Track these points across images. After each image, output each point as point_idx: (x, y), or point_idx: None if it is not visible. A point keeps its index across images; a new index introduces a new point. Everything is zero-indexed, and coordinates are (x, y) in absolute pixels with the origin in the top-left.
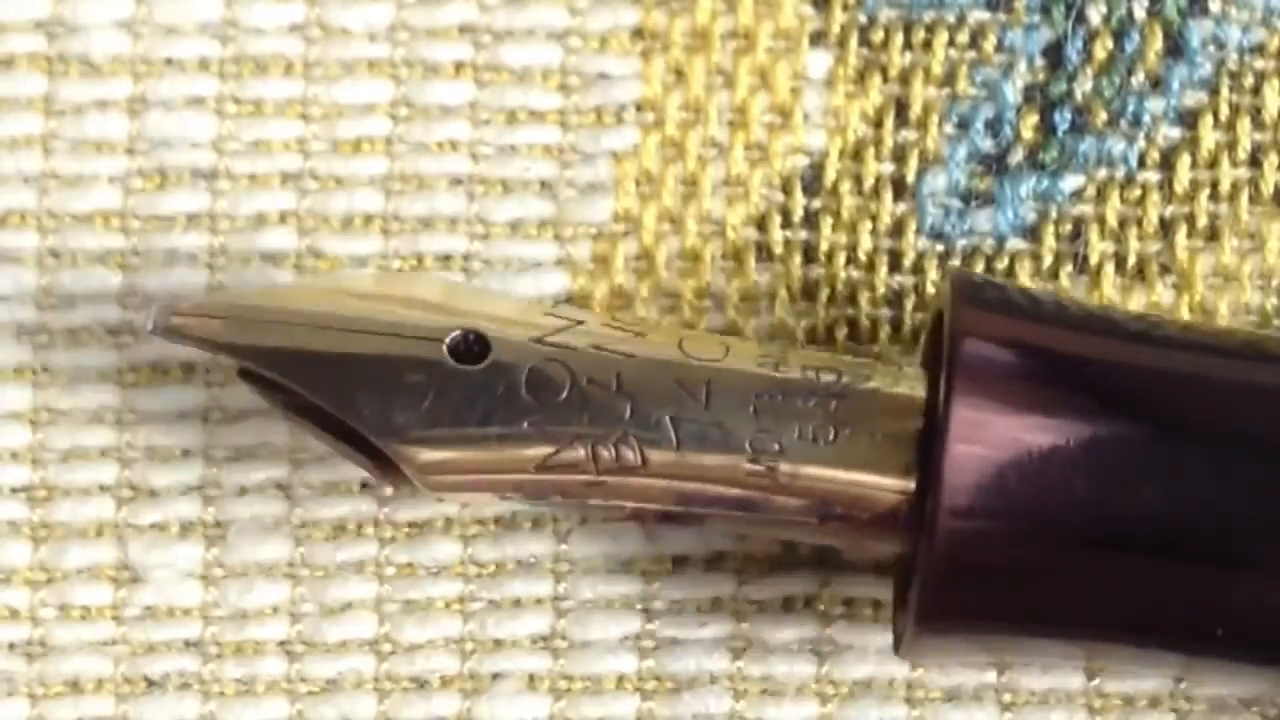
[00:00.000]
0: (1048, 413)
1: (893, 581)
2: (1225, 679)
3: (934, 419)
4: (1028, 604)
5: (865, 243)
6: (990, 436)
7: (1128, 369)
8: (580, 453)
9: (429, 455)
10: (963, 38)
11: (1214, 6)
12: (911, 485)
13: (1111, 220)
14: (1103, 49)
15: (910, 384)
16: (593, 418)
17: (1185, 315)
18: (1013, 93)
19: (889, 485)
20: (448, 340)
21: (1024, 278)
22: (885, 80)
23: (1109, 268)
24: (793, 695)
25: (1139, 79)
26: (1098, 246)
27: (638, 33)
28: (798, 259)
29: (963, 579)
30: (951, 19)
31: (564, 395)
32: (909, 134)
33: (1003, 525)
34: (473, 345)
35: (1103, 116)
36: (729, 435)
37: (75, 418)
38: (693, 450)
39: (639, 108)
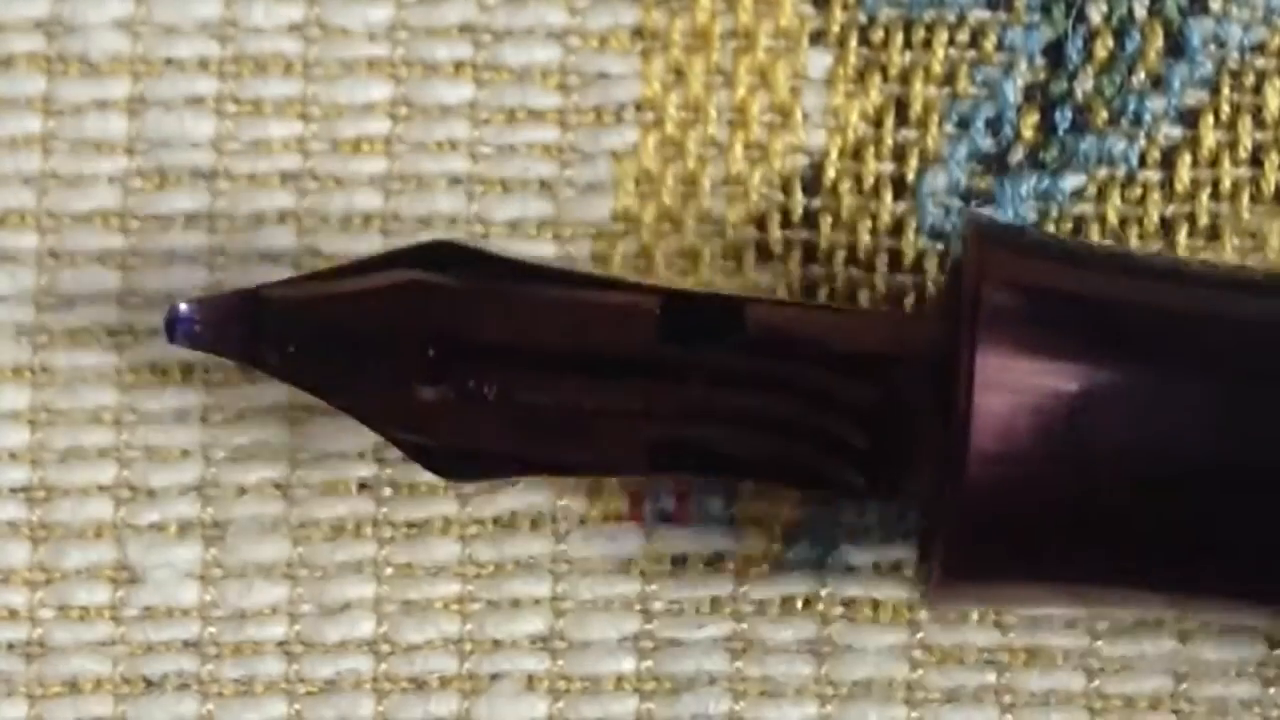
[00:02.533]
0: (1072, 356)
1: (918, 528)
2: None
3: (955, 367)
4: (1056, 551)
5: (865, 242)
6: (1015, 382)
7: (1150, 309)
8: None
9: None
10: (963, 37)
11: (1215, 5)
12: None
13: (1112, 219)
14: (1103, 48)
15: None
16: None
17: None
18: (1013, 92)
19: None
20: None
21: None
22: (885, 79)
23: None
24: (792, 696)
25: (1140, 78)
26: None
27: (637, 32)
28: (797, 258)
29: (989, 528)
30: (952, 18)
31: None
32: (909, 133)
33: (1029, 471)
34: None
35: (1103, 115)
36: None
37: (74, 418)
38: None
39: (639, 107)
